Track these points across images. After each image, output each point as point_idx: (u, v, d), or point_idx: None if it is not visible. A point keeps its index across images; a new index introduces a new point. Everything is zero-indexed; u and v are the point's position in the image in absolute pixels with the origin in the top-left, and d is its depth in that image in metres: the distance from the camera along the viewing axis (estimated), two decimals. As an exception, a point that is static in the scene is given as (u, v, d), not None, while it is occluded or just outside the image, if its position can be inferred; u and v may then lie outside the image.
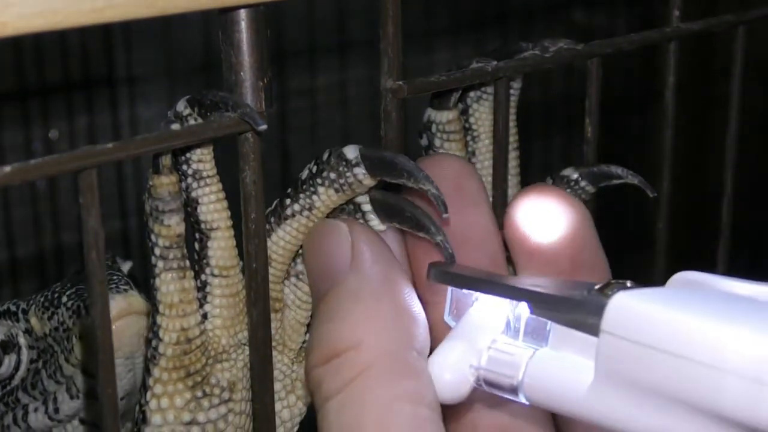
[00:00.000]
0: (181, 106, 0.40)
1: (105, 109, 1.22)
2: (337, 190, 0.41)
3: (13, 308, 0.53)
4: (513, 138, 0.50)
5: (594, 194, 0.51)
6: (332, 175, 0.41)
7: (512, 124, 0.50)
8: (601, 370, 0.35)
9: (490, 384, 0.39)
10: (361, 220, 0.42)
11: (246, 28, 0.39)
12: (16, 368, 0.53)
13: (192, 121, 0.40)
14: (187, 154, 0.41)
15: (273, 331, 0.43)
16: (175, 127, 0.40)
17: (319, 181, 0.41)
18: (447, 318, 0.42)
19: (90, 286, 0.36)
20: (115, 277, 0.49)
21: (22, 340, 0.53)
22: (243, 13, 0.39)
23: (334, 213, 0.43)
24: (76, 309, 0.49)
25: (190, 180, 0.41)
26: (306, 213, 0.42)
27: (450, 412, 0.42)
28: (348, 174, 0.41)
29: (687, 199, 1.29)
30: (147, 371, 0.42)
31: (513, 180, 0.51)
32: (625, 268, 0.40)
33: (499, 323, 0.40)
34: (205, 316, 0.42)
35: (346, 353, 0.38)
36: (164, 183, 0.40)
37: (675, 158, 0.55)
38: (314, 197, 0.42)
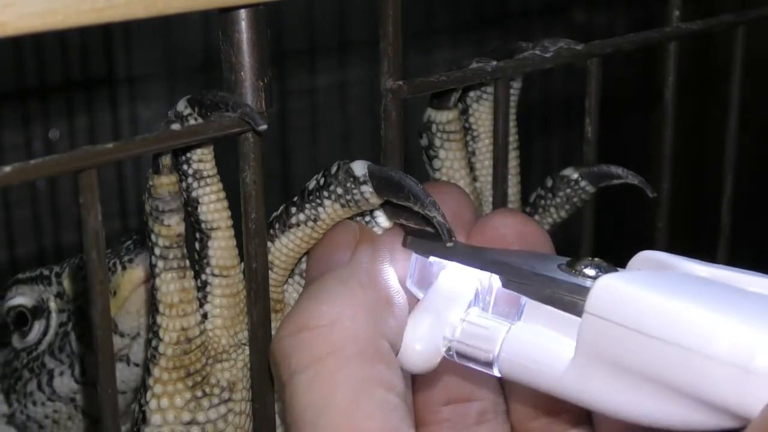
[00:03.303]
0: (182, 106, 0.40)
1: (105, 109, 1.22)
2: (343, 206, 0.41)
3: (46, 272, 0.53)
4: (513, 138, 0.50)
5: (594, 194, 0.51)
6: (339, 190, 0.41)
7: (512, 124, 0.50)
8: (582, 350, 0.35)
9: (463, 356, 0.39)
10: (368, 217, 0.42)
11: (246, 28, 0.39)
12: (44, 333, 0.53)
13: (192, 121, 0.40)
14: (188, 154, 0.41)
15: (273, 331, 0.43)
16: (176, 126, 0.40)
17: (325, 194, 0.41)
18: (410, 285, 0.42)
19: (90, 286, 0.36)
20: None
21: (52, 305, 0.53)
22: (243, 13, 0.39)
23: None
24: (112, 267, 0.49)
25: (190, 180, 0.41)
26: (311, 224, 0.42)
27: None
28: (355, 191, 0.41)
29: (687, 199, 1.29)
30: (147, 371, 0.42)
31: (513, 180, 0.51)
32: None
33: (469, 294, 0.40)
34: (205, 316, 0.42)
35: (319, 329, 0.38)
36: (164, 183, 0.40)
37: (675, 158, 0.55)
38: (320, 209, 0.42)
